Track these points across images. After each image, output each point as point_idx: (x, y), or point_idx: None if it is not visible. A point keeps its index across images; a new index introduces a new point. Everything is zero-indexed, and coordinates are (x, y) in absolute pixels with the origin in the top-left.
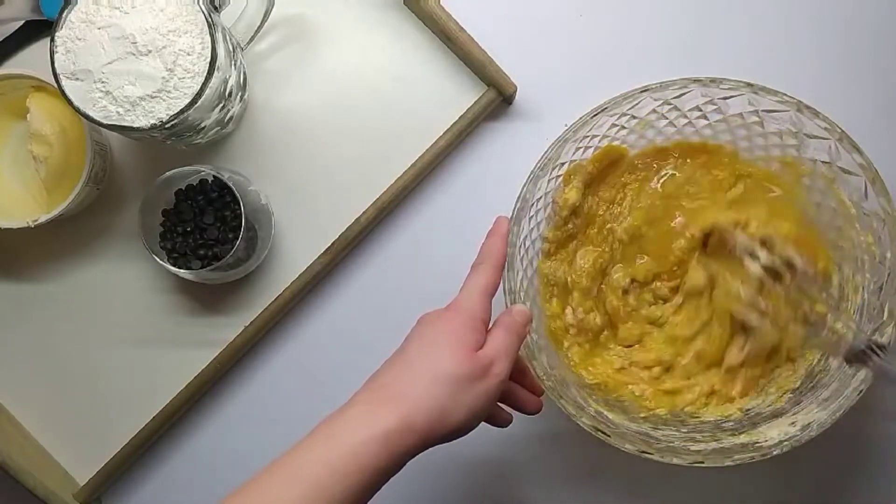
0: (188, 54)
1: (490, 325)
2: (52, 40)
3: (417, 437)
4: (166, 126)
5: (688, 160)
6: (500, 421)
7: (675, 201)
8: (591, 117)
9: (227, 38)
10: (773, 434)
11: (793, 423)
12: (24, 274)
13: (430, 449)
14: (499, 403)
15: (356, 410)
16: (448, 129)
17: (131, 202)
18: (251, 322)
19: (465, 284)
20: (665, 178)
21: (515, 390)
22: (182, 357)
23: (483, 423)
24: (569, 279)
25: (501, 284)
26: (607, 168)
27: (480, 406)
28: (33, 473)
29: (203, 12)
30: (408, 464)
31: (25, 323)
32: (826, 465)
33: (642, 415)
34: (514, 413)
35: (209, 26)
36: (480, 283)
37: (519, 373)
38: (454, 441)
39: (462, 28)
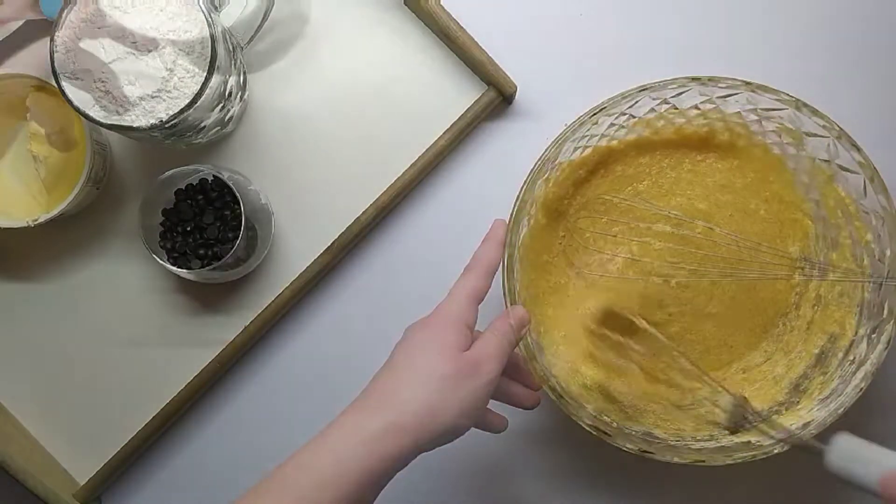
0: (188, 54)
1: (486, 329)
2: (52, 40)
3: (407, 439)
4: (166, 126)
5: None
6: (494, 426)
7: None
8: (590, 117)
9: (227, 38)
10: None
11: (792, 422)
12: (24, 274)
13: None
14: (492, 408)
15: (344, 420)
16: (448, 129)
17: (131, 202)
18: (251, 322)
19: (452, 289)
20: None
21: (510, 386)
22: (182, 357)
23: (479, 430)
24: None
25: (501, 285)
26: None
27: (470, 405)
28: (33, 473)
29: (203, 12)
30: (408, 463)
31: (25, 323)
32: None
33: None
34: (515, 411)
35: (209, 26)
36: (467, 287)
37: (512, 368)
38: (451, 442)
39: (462, 28)
